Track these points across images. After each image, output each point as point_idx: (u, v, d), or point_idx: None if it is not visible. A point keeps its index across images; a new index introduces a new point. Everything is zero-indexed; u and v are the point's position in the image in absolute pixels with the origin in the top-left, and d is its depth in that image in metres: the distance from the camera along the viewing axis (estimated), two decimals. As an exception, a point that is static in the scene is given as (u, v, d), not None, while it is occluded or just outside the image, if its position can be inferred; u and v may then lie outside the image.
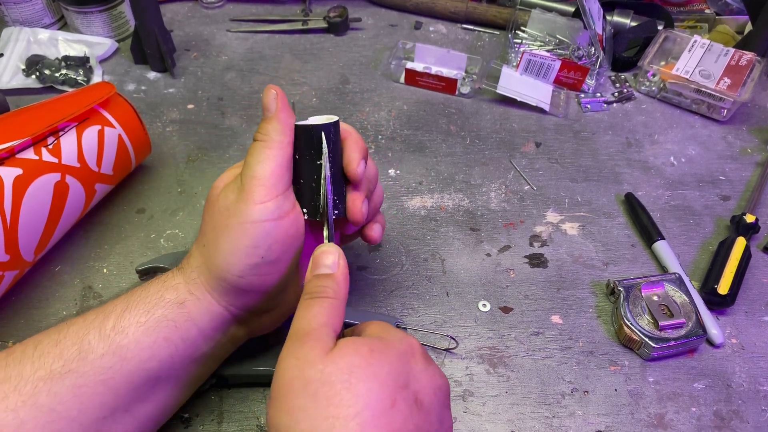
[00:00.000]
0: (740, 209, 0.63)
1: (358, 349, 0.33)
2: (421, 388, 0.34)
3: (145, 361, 0.37)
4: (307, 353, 0.33)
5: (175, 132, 0.68)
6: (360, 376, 0.32)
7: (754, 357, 0.52)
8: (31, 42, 0.74)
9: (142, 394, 0.38)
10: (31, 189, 0.48)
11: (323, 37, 0.82)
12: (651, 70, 0.75)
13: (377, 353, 0.33)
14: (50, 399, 0.35)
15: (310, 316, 0.35)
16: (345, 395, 0.31)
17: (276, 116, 0.40)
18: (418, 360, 0.35)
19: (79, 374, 0.35)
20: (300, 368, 0.32)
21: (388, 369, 0.32)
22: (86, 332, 0.37)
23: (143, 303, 0.39)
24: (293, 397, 0.31)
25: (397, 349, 0.34)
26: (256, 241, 0.38)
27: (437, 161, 0.67)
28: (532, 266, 0.57)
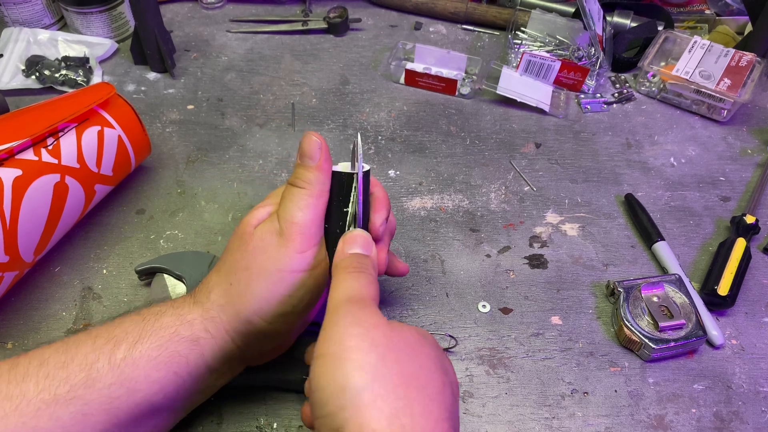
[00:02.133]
0: (740, 210, 0.63)
1: (410, 328, 0.34)
2: (454, 380, 0.35)
3: (152, 394, 0.37)
4: (369, 317, 0.33)
5: (174, 133, 0.68)
6: (420, 352, 0.33)
7: (754, 358, 0.52)
8: (31, 42, 0.74)
9: (142, 421, 0.38)
10: (31, 190, 0.48)
11: (323, 37, 0.82)
12: (651, 71, 0.75)
13: (423, 337, 0.34)
14: (51, 424, 0.34)
15: (360, 285, 0.35)
16: (411, 366, 0.32)
17: (319, 166, 0.40)
18: (446, 356, 0.36)
19: (85, 402, 0.35)
20: (365, 329, 0.32)
21: (436, 353, 0.34)
22: (96, 359, 0.36)
23: (156, 336, 0.38)
24: (363, 355, 0.31)
25: (435, 342, 0.36)
26: (291, 290, 0.39)
27: (437, 162, 0.67)
28: (532, 267, 0.57)
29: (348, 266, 0.37)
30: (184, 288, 0.51)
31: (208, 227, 0.59)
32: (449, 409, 0.32)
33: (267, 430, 0.46)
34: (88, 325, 0.51)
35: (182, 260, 0.52)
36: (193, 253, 0.54)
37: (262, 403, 0.47)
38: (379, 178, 0.64)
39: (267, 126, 0.70)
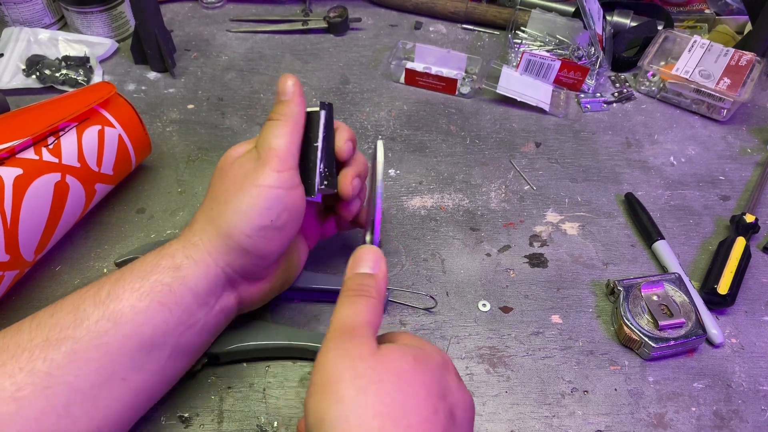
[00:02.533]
0: (740, 209, 0.63)
1: (404, 354, 0.34)
2: (456, 402, 0.34)
3: (139, 325, 0.38)
4: (356, 348, 0.33)
5: (175, 132, 0.68)
6: (408, 380, 0.32)
7: (754, 357, 0.52)
8: (32, 42, 0.74)
9: (137, 360, 0.38)
10: (32, 189, 0.48)
11: (323, 37, 0.82)
12: (651, 70, 0.75)
13: (421, 362, 0.34)
14: (47, 365, 0.35)
15: (355, 312, 0.36)
16: (396, 396, 0.31)
17: (293, 100, 0.44)
18: (452, 375, 0.36)
19: (75, 340, 0.36)
20: (351, 360, 0.33)
21: (431, 379, 0.33)
22: (81, 301, 0.38)
23: (138, 271, 0.40)
24: (344, 387, 0.31)
25: (435, 361, 0.35)
26: (269, 204, 0.40)
27: (437, 161, 0.67)
28: (532, 266, 0.57)
29: (349, 289, 0.38)
30: None
31: (208, 226, 0.59)
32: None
33: (267, 428, 0.46)
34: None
35: None
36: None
37: (262, 402, 0.47)
38: (380, 177, 0.64)
39: (267, 125, 0.70)
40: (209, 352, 0.47)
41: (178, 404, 0.47)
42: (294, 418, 0.46)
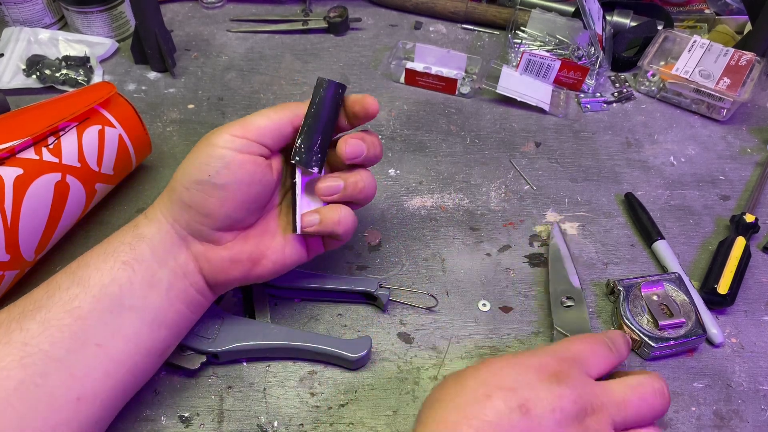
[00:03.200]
0: (740, 209, 0.63)
1: (488, 362, 0.40)
2: (535, 397, 0.36)
3: (106, 285, 0.39)
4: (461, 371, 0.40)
5: (175, 132, 0.68)
6: (466, 378, 0.38)
7: (754, 356, 0.52)
8: (32, 42, 0.74)
9: (110, 323, 0.39)
10: (32, 189, 0.48)
11: (323, 37, 0.82)
12: (651, 70, 0.75)
13: (493, 361, 0.39)
14: (23, 335, 0.37)
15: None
16: (452, 389, 0.38)
17: (298, 103, 0.46)
18: (541, 374, 0.38)
19: (48, 308, 0.38)
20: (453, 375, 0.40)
21: (494, 371, 0.38)
22: (55, 276, 0.41)
23: (105, 240, 0.43)
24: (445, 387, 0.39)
25: (519, 360, 0.39)
26: (208, 160, 0.41)
27: (437, 161, 0.67)
28: (532, 266, 0.58)
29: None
30: None
31: (208, 226, 0.59)
32: (493, 416, 0.36)
33: (267, 428, 0.46)
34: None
35: None
36: None
37: (262, 402, 0.47)
38: (380, 177, 0.65)
39: (267, 125, 0.70)
40: (209, 352, 0.47)
41: (178, 404, 0.47)
42: (294, 417, 0.47)
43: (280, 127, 0.44)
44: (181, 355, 0.47)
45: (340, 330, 0.52)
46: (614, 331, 0.45)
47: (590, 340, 0.43)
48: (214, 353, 0.47)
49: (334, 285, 0.52)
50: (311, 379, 0.49)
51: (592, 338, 0.43)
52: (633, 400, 0.39)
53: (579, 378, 0.39)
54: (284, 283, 0.52)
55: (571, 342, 0.42)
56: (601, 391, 0.39)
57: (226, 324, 0.48)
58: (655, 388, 0.40)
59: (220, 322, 0.49)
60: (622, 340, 0.44)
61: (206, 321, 0.48)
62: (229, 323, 0.49)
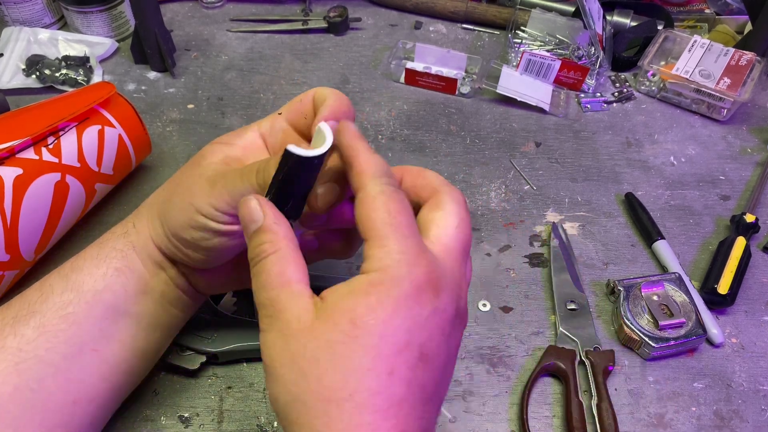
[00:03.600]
0: (740, 209, 0.63)
1: (341, 316, 0.29)
2: (428, 336, 0.29)
3: (100, 291, 0.39)
4: (284, 325, 0.30)
5: (175, 132, 0.68)
6: (345, 352, 0.28)
7: (754, 356, 0.52)
8: (31, 42, 0.74)
9: (105, 329, 0.39)
10: (32, 189, 0.48)
11: (323, 37, 0.82)
12: (651, 70, 0.75)
13: (367, 315, 0.28)
14: (17, 340, 0.36)
15: (263, 283, 0.31)
16: (333, 375, 0.28)
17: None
18: (424, 300, 0.29)
19: (42, 313, 0.37)
20: (283, 340, 0.30)
21: (380, 333, 0.28)
22: (47, 279, 0.40)
23: (97, 242, 0.41)
24: (285, 371, 0.29)
25: (395, 297, 0.29)
26: (191, 224, 0.37)
27: (437, 161, 0.67)
28: (533, 266, 0.57)
29: (250, 259, 0.33)
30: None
31: (208, 226, 0.59)
32: (403, 392, 0.28)
33: (267, 428, 0.46)
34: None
35: None
36: None
37: (262, 402, 0.47)
38: (380, 177, 0.64)
39: (267, 125, 0.70)
40: (209, 352, 0.47)
41: (178, 404, 0.47)
42: (294, 418, 0.46)
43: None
44: (181, 355, 0.47)
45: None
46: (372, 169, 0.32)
47: (394, 199, 0.31)
48: (214, 353, 0.47)
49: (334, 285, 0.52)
50: (311, 380, 0.49)
51: (390, 193, 0.31)
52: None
53: (443, 272, 0.31)
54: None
55: (395, 217, 0.31)
56: (453, 267, 0.32)
57: (226, 324, 0.48)
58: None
59: (220, 322, 0.49)
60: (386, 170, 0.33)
61: (206, 321, 0.48)
62: (229, 323, 0.48)
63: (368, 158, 0.32)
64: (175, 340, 0.47)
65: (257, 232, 0.32)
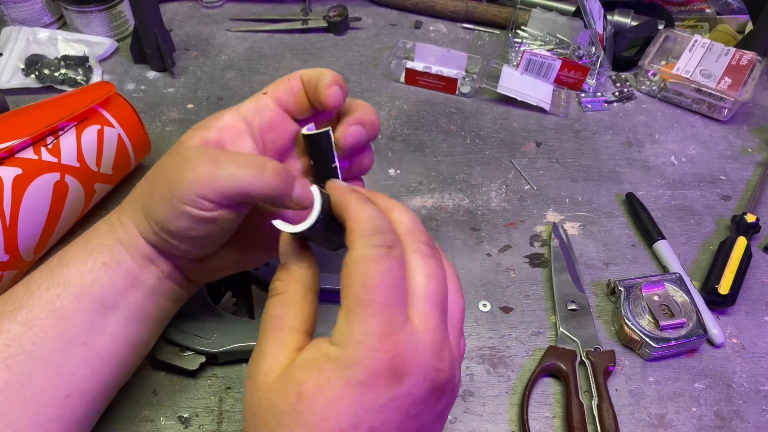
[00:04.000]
0: (741, 209, 0.63)
1: (292, 387, 0.29)
2: (384, 418, 0.29)
3: (88, 286, 0.38)
4: (257, 372, 0.31)
5: (174, 132, 0.68)
6: (288, 423, 0.29)
7: (755, 357, 0.52)
8: (31, 41, 0.74)
9: (95, 323, 0.38)
10: (31, 189, 0.48)
11: (323, 36, 0.82)
12: (651, 70, 0.75)
13: (314, 392, 0.29)
14: (4, 336, 0.36)
15: (263, 319, 0.33)
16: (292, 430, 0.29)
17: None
18: (379, 387, 0.29)
19: (29, 309, 0.37)
20: (252, 388, 0.31)
21: (323, 414, 0.28)
22: (33, 275, 0.39)
23: (83, 237, 0.40)
24: (248, 417, 0.31)
25: (345, 380, 0.29)
26: (174, 215, 0.37)
27: (437, 161, 0.66)
28: (533, 266, 0.57)
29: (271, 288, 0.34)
30: None
31: (208, 226, 0.59)
32: None
33: None
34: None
35: None
36: None
37: (262, 402, 0.47)
38: (380, 177, 0.64)
39: (267, 125, 0.69)
40: (209, 352, 0.47)
41: (178, 405, 0.47)
42: (294, 418, 0.46)
43: (253, 184, 0.35)
44: (181, 355, 0.47)
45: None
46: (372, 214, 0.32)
47: (375, 267, 0.30)
48: (214, 354, 0.47)
49: (334, 285, 0.52)
50: (311, 380, 0.49)
51: (372, 258, 0.30)
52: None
53: (412, 350, 0.30)
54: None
55: (368, 291, 0.30)
56: (432, 336, 0.31)
57: (226, 324, 0.48)
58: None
59: (220, 322, 0.48)
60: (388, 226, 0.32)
61: (206, 321, 0.48)
62: (228, 323, 0.48)
63: (357, 213, 0.32)
64: (175, 341, 0.47)
65: (279, 268, 0.34)
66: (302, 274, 0.34)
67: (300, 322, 0.32)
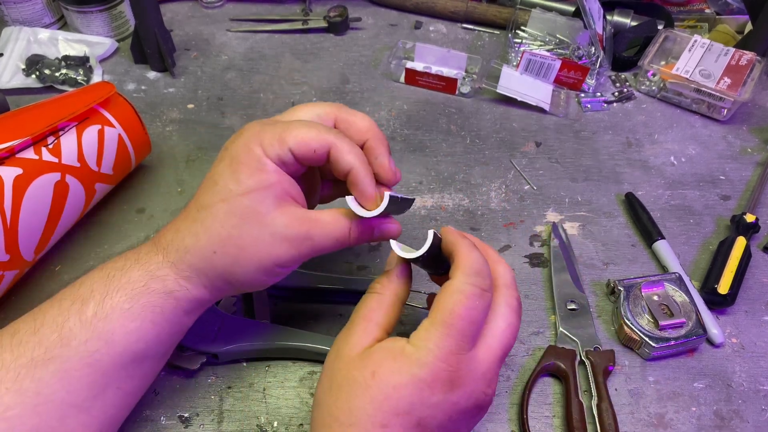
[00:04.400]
0: (740, 209, 0.63)
1: (370, 364, 0.35)
2: (431, 414, 0.35)
3: (132, 343, 0.38)
4: (343, 345, 0.37)
5: (175, 132, 0.68)
6: (358, 393, 0.35)
7: (755, 356, 0.52)
8: (31, 42, 0.74)
9: (131, 371, 0.39)
10: (31, 189, 0.48)
11: (323, 36, 0.82)
12: (651, 70, 0.75)
13: (386, 375, 0.35)
14: (35, 384, 0.35)
15: (357, 308, 0.39)
16: (344, 404, 0.35)
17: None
18: (435, 389, 0.35)
19: (64, 359, 0.36)
20: (335, 356, 0.37)
21: (388, 393, 0.34)
22: (65, 319, 0.37)
23: (125, 289, 0.38)
24: (325, 378, 0.37)
25: (412, 374, 0.34)
26: (265, 270, 0.39)
27: (437, 161, 0.67)
28: (533, 266, 0.57)
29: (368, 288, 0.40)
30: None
31: (208, 226, 0.59)
32: None
33: (267, 428, 0.46)
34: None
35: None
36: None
37: (262, 402, 0.47)
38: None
39: (267, 125, 0.70)
40: (209, 352, 0.47)
41: (178, 404, 0.47)
42: (294, 417, 0.46)
43: (343, 242, 0.40)
44: (181, 355, 0.47)
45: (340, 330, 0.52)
46: (476, 258, 0.38)
47: (466, 302, 0.36)
48: (214, 353, 0.47)
49: (334, 285, 0.52)
50: (311, 379, 0.49)
51: (466, 294, 0.36)
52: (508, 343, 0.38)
53: (469, 371, 0.36)
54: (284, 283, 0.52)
55: (453, 317, 0.36)
56: (487, 367, 0.37)
57: (226, 324, 0.48)
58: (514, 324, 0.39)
59: (220, 322, 0.48)
60: (486, 270, 0.38)
61: (206, 321, 0.48)
62: (229, 323, 0.48)
63: (466, 256, 0.38)
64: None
65: (384, 273, 0.40)
66: (399, 285, 0.40)
67: (386, 321, 0.38)
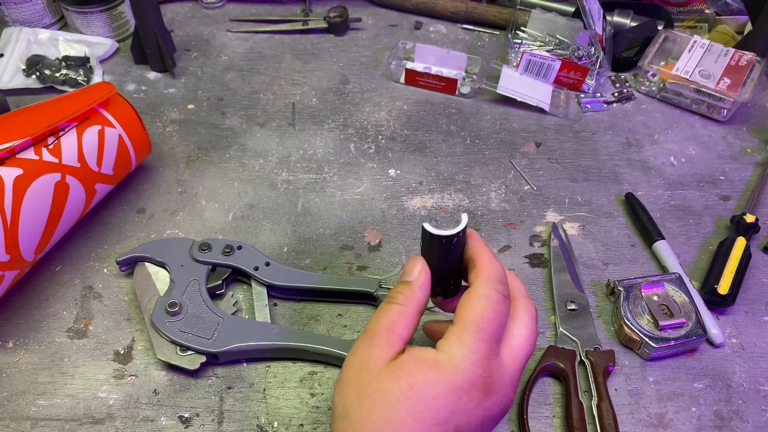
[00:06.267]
0: (740, 209, 0.63)
1: (404, 376, 0.35)
2: (467, 421, 0.35)
3: None
4: (367, 357, 0.36)
5: (175, 132, 0.68)
6: (396, 405, 0.34)
7: (754, 357, 0.52)
8: (32, 42, 0.74)
9: None
10: (32, 189, 0.48)
11: (323, 37, 0.82)
12: (651, 70, 0.75)
13: (423, 385, 0.34)
14: None
15: (378, 318, 0.38)
16: (380, 416, 0.34)
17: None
18: (472, 395, 0.35)
19: None
20: (359, 368, 0.36)
21: (428, 404, 0.34)
22: None
23: None
24: (350, 390, 0.36)
25: (449, 382, 0.35)
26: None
27: (437, 161, 0.67)
28: (533, 266, 0.57)
29: (386, 297, 0.40)
30: (167, 274, 0.51)
31: (208, 226, 0.59)
32: None
33: (267, 428, 0.46)
34: (89, 325, 0.51)
35: (163, 247, 0.53)
36: (173, 240, 0.55)
37: (262, 402, 0.47)
38: (380, 177, 0.64)
39: (267, 125, 0.70)
40: (209, 352, 0.47)
41: (178, 405, 0.47)
42: (294, 418, 0.47)
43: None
44: (181, 355, 0.47)
45: (340, 330, 0.52)
46: (496, 270, 0.38)
47: (493, 307, 0.37)
48: (214, 353, 0.47)
49: (334, 285, 0.52)
50: (311, 380, 0.49)
51: (492, 300, 0.37)
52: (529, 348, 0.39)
53: (500, 377, 0.37)
54: (284, 283, 0.52)
55: (484, 321, 0.36)
56: (513, 373, 0.38)
57: (226, 324, 0.48)
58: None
59: (220, 322, 0.49)
60: (504, 277, 0.39)
61: (206, 321, 0.48)
62: (229, 323, 0.49)
63: (489, 263, 0.38)
64: (175, 341, 0.47)
65: (404, 283, 0.39)
66: (421, 298, 0.39)
67: (407, 333, 0.38)
